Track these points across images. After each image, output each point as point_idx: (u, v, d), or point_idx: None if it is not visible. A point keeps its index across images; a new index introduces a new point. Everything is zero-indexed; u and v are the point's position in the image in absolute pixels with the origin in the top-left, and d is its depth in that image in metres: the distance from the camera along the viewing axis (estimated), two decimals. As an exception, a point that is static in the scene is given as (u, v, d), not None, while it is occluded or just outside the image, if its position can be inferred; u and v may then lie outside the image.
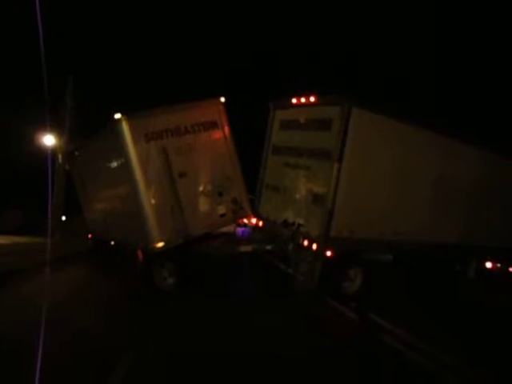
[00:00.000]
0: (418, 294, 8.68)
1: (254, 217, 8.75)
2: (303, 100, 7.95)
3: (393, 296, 8.18)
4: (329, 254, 7.12)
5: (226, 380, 4.46)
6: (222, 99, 8.19)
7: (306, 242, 7.34)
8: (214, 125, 8.02)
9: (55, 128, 14.39)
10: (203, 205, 7.79)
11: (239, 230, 9.96)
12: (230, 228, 9.09)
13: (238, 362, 4.81)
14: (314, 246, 7.14)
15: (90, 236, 10.25)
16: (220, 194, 7.96)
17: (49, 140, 14.13)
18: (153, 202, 7.09)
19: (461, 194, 8.95)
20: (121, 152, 7.02)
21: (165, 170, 7.20)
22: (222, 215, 8.02)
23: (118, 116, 6.80)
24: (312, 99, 7.78)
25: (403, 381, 4.80)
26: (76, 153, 10.00)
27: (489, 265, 10.22)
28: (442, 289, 9.42)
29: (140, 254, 7.74)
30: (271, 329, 5.97)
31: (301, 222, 7.62)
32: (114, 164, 7.72)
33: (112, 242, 9.30)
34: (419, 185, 8.26)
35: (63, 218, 16.05)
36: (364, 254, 7.95)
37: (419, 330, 6.23)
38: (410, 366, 5.16)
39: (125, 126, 6.82)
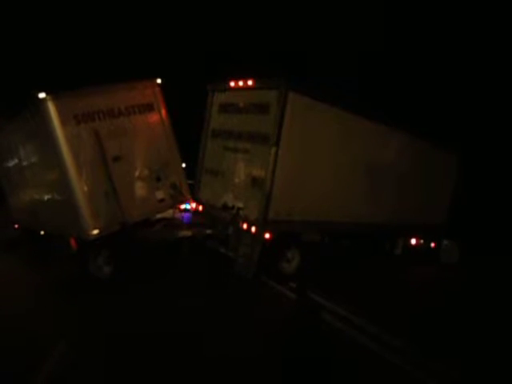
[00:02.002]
0: (353, 272, 9.19)
1: (194, 201, 8.68)
2: (241, 83, 7.95)
3: (329, 275, 8.59)
4: (267, 236, 7.29)
5: (158, 370, 4.46)
6: (159, 81, 7.92)
7: (245, 225, 7.44)
8: (150, 107, 7.75)
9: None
10: (140, 190, 7.56)
11: (182, 215, 9.82)
12: (169, 213, 8.94)
13: (171, 345, 4.83)
14: (253, 229, 7.28)
15: (16, 226, 9.55)
16: (158, 179, 7.77)
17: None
18: (85, 187, 6.74)
19: (390, 177, 9.55)
20: (47, 135, 6.52)
21: (97, 155, 6.85)
22: (161, 200, 7.85)
23: (42, 95, 6.28)
24: (250, 83, 7.79)
25: (343, 358, 5.01)
26: (-4, 135, 9.14)
27: (413, 241, 11.11)
28: (374, 265, 10.07)
29: (73, 242, 7.38)
30: (212, 311, 6.05)
31: (240, 205, 7.70)
32: (41, 148, 7.19)
33: (42, 232, 8.75)
34: (354, 168, 8.70)
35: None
36: (301, 235, 8.26)
37: (358, 307, 6.62)
38: (350, 343, 5.47)
39: (51, 107, 6.34)
